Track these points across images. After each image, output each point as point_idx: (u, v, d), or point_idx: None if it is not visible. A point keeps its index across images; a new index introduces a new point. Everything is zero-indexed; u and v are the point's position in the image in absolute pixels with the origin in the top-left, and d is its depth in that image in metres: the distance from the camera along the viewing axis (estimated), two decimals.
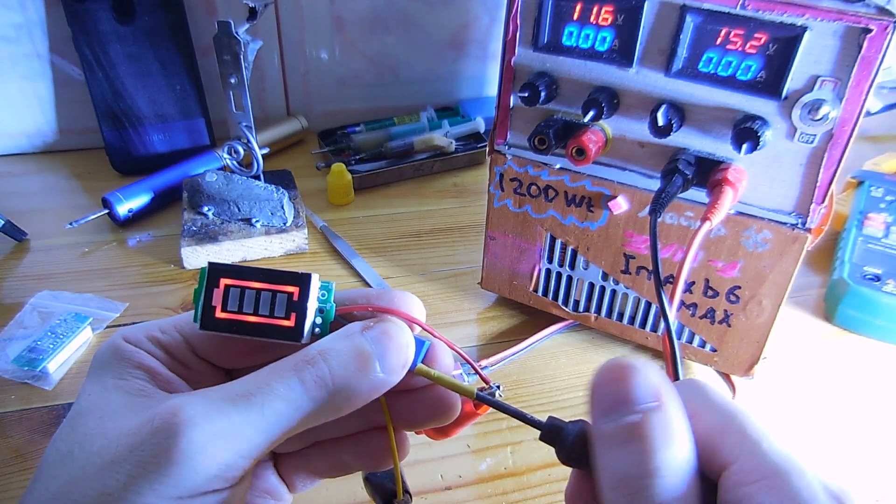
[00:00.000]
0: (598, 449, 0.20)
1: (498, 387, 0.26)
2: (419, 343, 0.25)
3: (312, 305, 0.24)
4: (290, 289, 0.24)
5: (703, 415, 0.20)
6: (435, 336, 0.26)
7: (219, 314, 0.24)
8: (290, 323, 0.24)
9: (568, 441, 0.22)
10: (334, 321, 0.25)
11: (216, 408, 0.21)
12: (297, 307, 0.24)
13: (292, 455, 0.28)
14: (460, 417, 0.28)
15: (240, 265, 0.24)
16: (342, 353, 0.23)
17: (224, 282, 0.24)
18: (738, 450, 0.19)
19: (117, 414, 0.22)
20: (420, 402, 0.27)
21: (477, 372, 0.28)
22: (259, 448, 0.22)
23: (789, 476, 0.17)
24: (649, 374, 0.20)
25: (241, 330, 0.24)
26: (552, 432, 0.23)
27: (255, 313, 0.24)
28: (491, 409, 0.28)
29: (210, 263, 0.24)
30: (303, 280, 0.24)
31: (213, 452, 0.20)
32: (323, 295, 0.25)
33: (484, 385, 0.27)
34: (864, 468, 0.44)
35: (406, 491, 0.30)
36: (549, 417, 0.23)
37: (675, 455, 0.18)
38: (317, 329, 0.25)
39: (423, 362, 0.25)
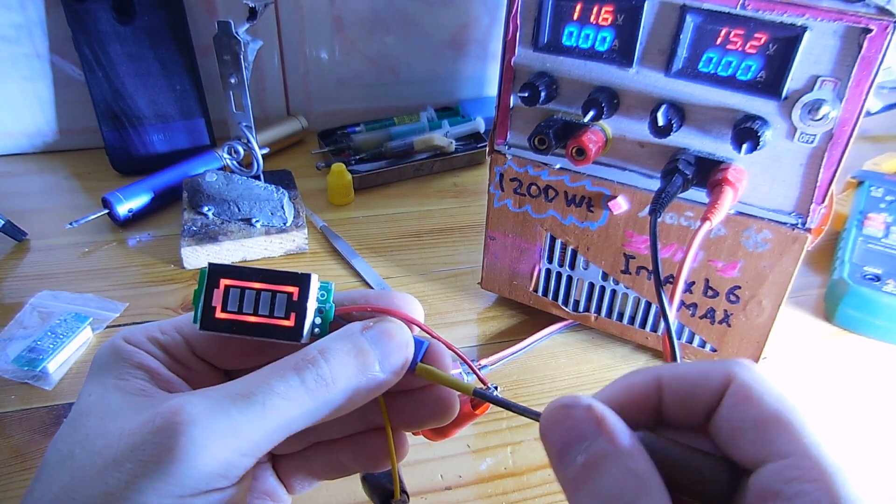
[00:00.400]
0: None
1: (496, 387, 0.26)
2: (418, 343, 0.25)
3: (312, 306, 0.24)
4: (289, 289, 0.24)
5: (757, 401, 0.20)
6: (433, 336, 0.26)
7: (219, 314, 0.24)
8: (289, 323, 0.24)
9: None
10: (333, 321, 0.25)
11: (217, 406, 0.21)
12: (297, 307, 0.24)
13: (290, 456, 0.29)
14: (458, 418, 0.28)
15: (240, 266, 0.25)
16: (342, 353, 0.23)
17: (224, 282, 0.24)
18: (795, 444, 0.19)
19: (118, 414, 0.22)
20: (418, 403, 0.27)
21: (474, 372, 0.28)
22: (260, 447, 0.22)
23: (843, 482, 0.18)
24: (580, 409, 0.20)
25: (240, 330, 0.24)
26: None
27: (255, 313, 0.24)
28: (489, 410, 0.28)
29: (210, 264, 0.24)
30: (302, 280, 0.24)
31: (215, 451, 0.20)
32: (322, 295, 0.25)
33: (482, 385, 0.27)
34: (864, 468, 0.44)
35: (403, 491, 0.30)
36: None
37: (638, 472, 0.19)
38: (316, 329, 0.25)
39: (421, 362, 0.25)
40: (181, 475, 0.20)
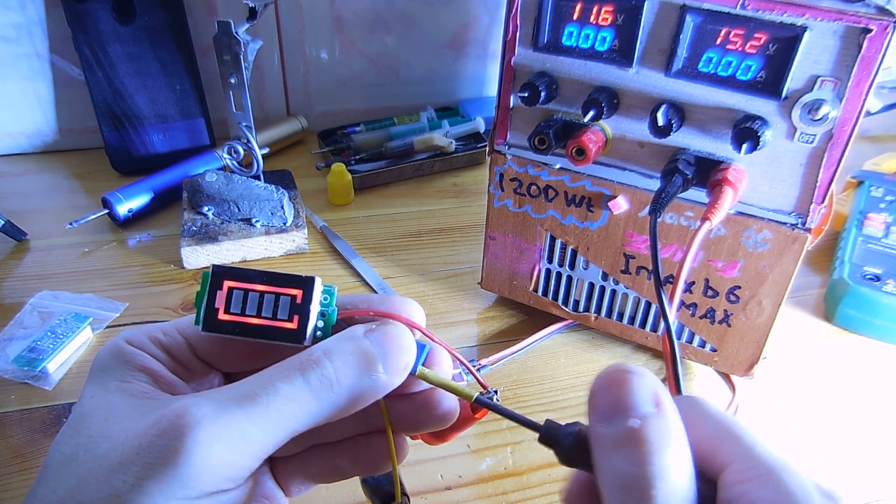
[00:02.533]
0: (599, 453, 0.20)
1: (496, 392, 0.26)
2: (420, 347, 0.26)
3: (315, 309, 0.24)
4: (293, 292, 0.24)
5: (701, 423, 0.21)
6: (434, 341, 0.26)
7: (221, 316, 0.24)
8: (292, 325, 0.24)
9: (566, 443, 0.22)
10: (335, 325, 0.25)
11: (222, 408, 0.21)
12: (300, 310, 0.24)
13: (288, 459, 0.29)
14: (457, 422, 0.28)
15: (243, 268, 0.25)
16: (346, 354, 0.23)
17: (227, 284, 0.24)
18: (734, 452, 0.20)
19: (122, 416, 0.22)
20: (419, 406, 0.27)
21: (475, 376, 0.28)
22: (265, 448, 0.22)
23: (782, 473, 0.18)
24: (648, 380, 0.20)
25: (243, 332, 0.24)
26: (550, 435, 0.23)
27: (258, 315, 0.24)
28: (488, 413, 0.28)
29: (214, 266, 0.24)
30: (306, 283, 0.24)
31: (220, 453, 0.20)
32: (325, 299, 0.25)
33: (482, 390, 0.27)
34: (864, 468, 0.44)
35: (404, 493, 0.30)
36: (546, 420, 0.23)
37: (674, 458, 0.19)
38: (318, 332, 0.25)
39: (422, 366, 0.26)
40: (187, 477, 0.20)
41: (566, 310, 0.51)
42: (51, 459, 0.22)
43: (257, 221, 0.61)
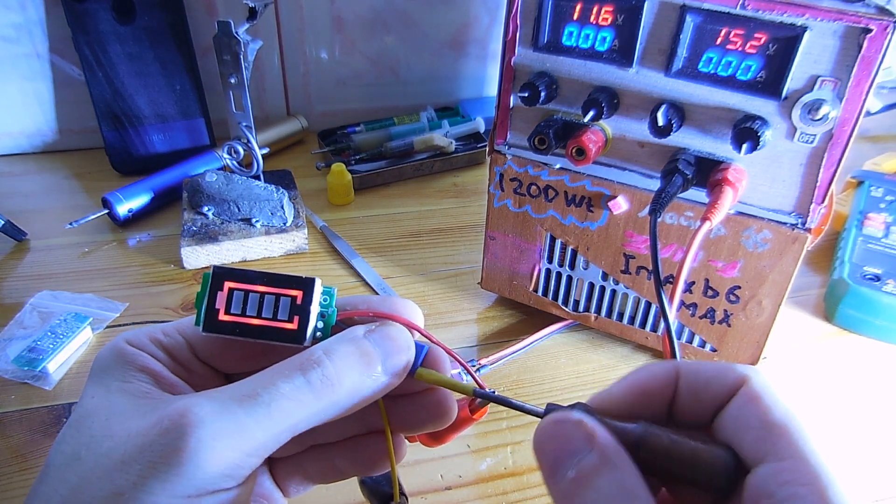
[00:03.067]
0: None
1: (493, 392, 0.26)
2: (418, 348, 0.26)
3: (315, 309, 0.25)
4: (293, 292, 0.24)
5: (766, 404, 0.21)
6: (433, 341, 0.27)
7: (222, 317, 0.24)
8: (292, 326, 0.24)
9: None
10: (334, 326, 0.25)
11: (224, 408, 0.21)
12: (300, 311, 0.24)
13: (286, 460, 0.29)
14: (455, 423, 0.28)
15: (244, 269, 0.25)
16: (347, 354, 0.24)
17: (228, 285, 0.24)
18: (795, 449, 0.20)
19: (123, 416, 0.22)
20: (417, 406, 0.27)
21: (473, 377, 0.28)
22: (266, 447, 0.22)
23: (836, 491, 0.19)
24: (580, 420, 0.21)
25: (243, 332, 0.24)
26: None
27: (259, 316, 0.24)
28: (490, 410, 0.28)
29: (215, 267, 0.25)
30: (306, 284, 0.25)
31: (222, 451, 0.21)
32: (325, 300, 0.25)
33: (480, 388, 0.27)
34: (864, 468, 0.44)
35: (402, 493, 0.30)
36: (548, 404, 0.23)
37: (615, 490, 0.19)
38: (318, 333, 0.25)
39: (421, 366, 0.26)
40: (189, 475, 0.20)
41: (566, 310, 0.51)
42: (52, 459, 0.22)
43: (257, 221, 0.61)
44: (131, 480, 0.20)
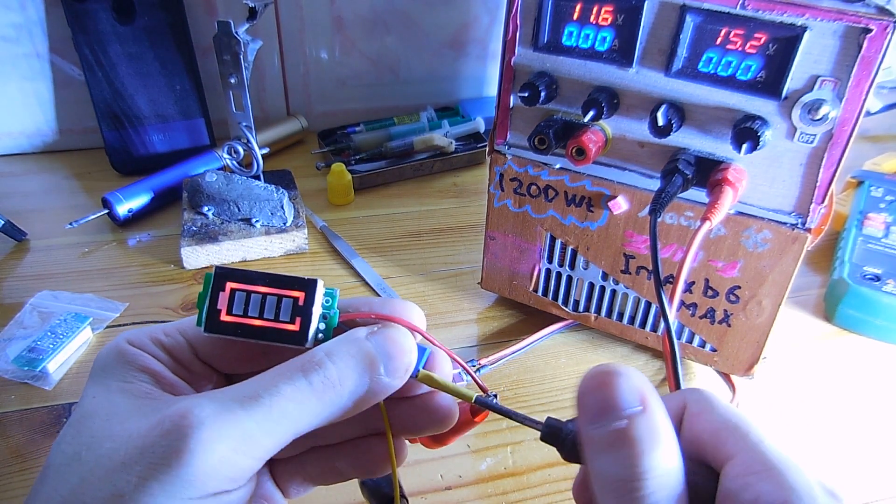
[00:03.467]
0: (589, 454, 0.20)
1: (495, 395, 0.26)
2: (420, 350, 0.26)
3: (317, 311, 0.25)
4: (295, 293, 0.24)
5: (708, 414, 0.21)
6: (435, 344, 0.27)
7: (224, 317, 0.24)
8: (294, 327, 0.24)
9: (567, 441, 0.22)
10: (336, 328, 0.25)
11: (225, 409, 0.21)
12: (302, 312, 0.24)
13: (287, 461, 0.29)
14: (457, 426, 0.28)
15: (245, 269, 0.25)
16: (349, 356, 0.23)
17: (230, 285, 0.24)
18: (740, 445, 0.20)
19: (124, 416, 0.22)
20: (419, 409, 0.27)
21: (474, 379, 0.28)
22: (267, 449, 0.22)
23: (787, 469, 0.19)
24: (634, 380, 0.20)
25: (245, 333, 0.24)
26: (552, 433, 0.23)
27: (260, 317, 0.24)
28: (489, 416, 0.28)
29: (217, 268, 0.25)
30: (308, 285, 0.24)
31: (223, 454, 0.20)
32: (327, 301, 0.25)
33: (481, 392, 0.27)
34: (864, 468, 0.44)
35: (403, 496, 0.30)
36: (548, 418, 0.23)
37: (662, 457, 0.19)
38: (320, 335, 0.25)
39: (423, 369, 0.26)
40: (190, 477, 0.20)
41: (566, 310, 0.51)
42: (53, 459, 0.22)
43: (257, 221, 0.61)
44: (132, 482, 0.20)
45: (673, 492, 0.19)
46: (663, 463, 0.19)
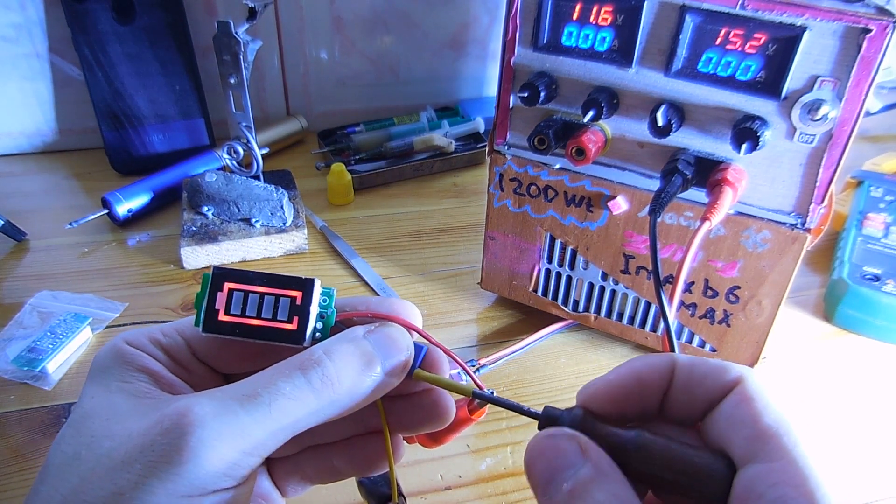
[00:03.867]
0: None
1: (492, 392, 0.26)
2: (417, 348, 0.26)
3: (314, 310, 0.25)
4: (293, 293, 0.25)
5: (761, 405, 0.21)
6: (432, 342, 0.27)
7: (222, 317, 0.24)
8: (292, 326, 0.24)
9: (568, 426, 0.22)
10: (334, 326, 0.25)
11: (224, 407, 0.21)
12: (300, 311, 0.25)
13: (284, 460, 0.29)
14: (454, 424, 0.28)
15: (243, 270, 0.25)
16: (347, 354, 0.24)
17: (228, 286, 0.25)
18: (786, 451, 0.20)
19: (124, 416, 0.22)
20: (415, 407, 0.27)
21: (472, 378, 0.28)
22: (266, 446, 0.22)
23: (824, 495, 0.19)
24: (571, 436, 0.21)
25: (243, 333, 0.25)
26: (549, 421, 0.23)
27: (258, 317, 0.25)
28: (489, 410, 0.28)
29: (215, 268, 0.25)
30: (306, 285, 0.25)
31: (223, 451, 0.21)
32: (324, 300, 0.25)
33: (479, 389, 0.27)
34: (864, 468, 0.44)
35: (400, 494, 0.30)
36: (546, 407, 0.23)
37: (617, 495, 0.20)
38: (317, 334, 0.25)
39: (420, 367, 0.26)
40: (190, 475, 0.20)
41: (566, 310, 0.51)
42: (52, 458, 0.22)
43: (257, 221, 0.61)
44: (132, 480, 0.20)
45: None
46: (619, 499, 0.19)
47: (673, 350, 0.34)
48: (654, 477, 0.21)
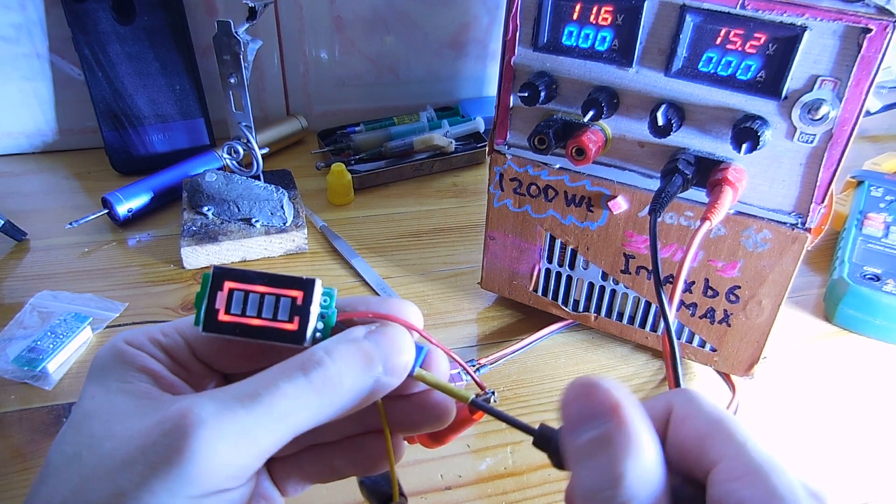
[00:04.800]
0: (570, 463, 0.21)
1: (493, 392, 0.26)
2: (418, 349, 0.26)
3: (315, 310, 0.25)
4: (294, 293, 0.25)
5: (693, 419, 0.21)
6: (433, 343, 0.27)
7: (222, 317, 0.24)
8: (293, 327, 0.24)
9: (557, 448, 0.22)
10: (334, 327, 0.25)
11: (225, 408, 0.21)
12: (301, 311, 0.24)
13: (284, 459, 0.29)
14: (455, 424, 0.28)
15: (244, 269, 0.25)
16: (348, 354, 0.24)
17: (228, 285, 0.24)
18: (724, 450, 0.20)
19: (124, 416, 0.22)
20: (416, 407, 0.27)
21: (472, 377, 0.28)
22: (268, 447, 0.22)
23: (770, 473, 0.19)
24: (612, 389, 0.21)
25: (243, 333, 0.24)
26: (543, 440, 0.23)
27: (259, 316, 0.24)
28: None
29: (215, 267, 0.25)
30: (307, 285, 0.25)
31: (224, 452, 0.21)
32: (325, 301, 0.25)
33: (479, 391, 0.27)
34: (863, 468, 0.44)
35: (402, 493, 0.30)
36: (540, 425, 0.23)
37: (639, 463, 0.19)
38: (318, 334, 0.25)
39: (420, 367, 0.26)
40: (192, 476, 0.20)
41: (566, 310, 0.51)
42: (52, 459, 0.22)
43: (257, 221, 0.61)
44: (133, 481, 0.20)
45: (652, 497, 0.19)
46: (640, 469, 0.19)
47: (673, 350, 0.34)
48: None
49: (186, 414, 0.21)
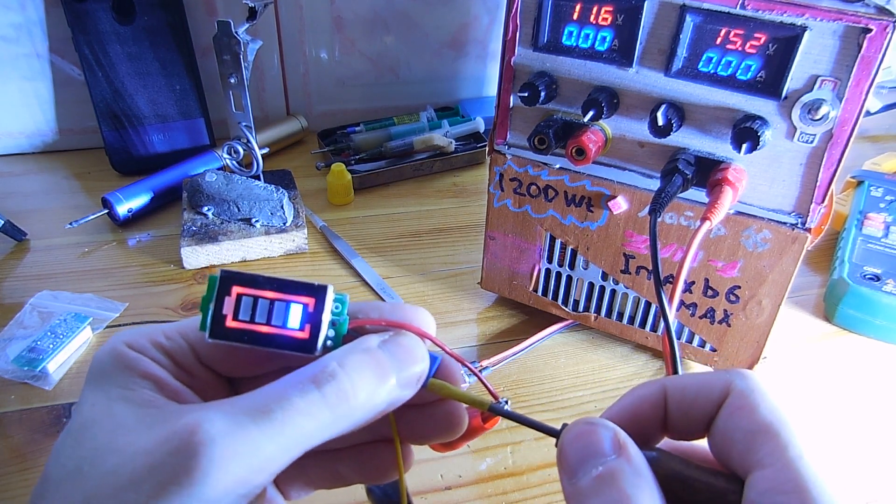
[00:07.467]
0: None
1: (506, 401, 0.26)
2: (432, 358, 0.25)
3: (327, 318, 0.24)
4: (305, 300, 0.24)
5: (750, 412, 0.21)
6: (446, 351, 0.26)
7: (230, 323, 0.23)
8: (304, 335, 0.23)
9: None
10: (346, 335, 0.24)
11: (236, 424, 0.20)
12: (312, 319, 0.23)
13: (289, 465, 0.28)
14: (467, 432, 0.27)
15: (253, 273, 0.24)
16: (362, 366, 0.23)
17: (236, 290, 0.23)
18: (775, 456, 0.19)
19: (128, 428, 0.21)
20: (428, 417, 0.26)
21: (486, 386, 0.27)
22: (279, 464, 0.21)
23: (819, 496, 0.18)
24: (615, 429, 0.21)
25: (252, 340, 0.23)
26: None
27: (268, 323, 0.23)
28: (498, 420, 0.27)
29: (222, 271, 0.24)
30: (318, 291, 0.24)
31: (235, 471, 0.20)
32: (337, 307, 0.24)
33: (492, 399, 0.27)
34: (864, 468, 0.44)
35: (410, 503, 0.29)
36: (563, 425, 0.23)
37: (647, 499, 0.19)
38: (329, 342, 0.24)
39: (434, 377, 0.25)
40: (202, 496, 0.19)
41: (566, 310, 0.51)
42: (52, 472, 0.21)
43: (257, 221, 0.61)
44: (141, 501, 0.19)
45: None
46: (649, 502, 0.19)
47: (673, 350, 0.34)
48: (673, 497, 0.21)
49: (195, 430, 0.20)
